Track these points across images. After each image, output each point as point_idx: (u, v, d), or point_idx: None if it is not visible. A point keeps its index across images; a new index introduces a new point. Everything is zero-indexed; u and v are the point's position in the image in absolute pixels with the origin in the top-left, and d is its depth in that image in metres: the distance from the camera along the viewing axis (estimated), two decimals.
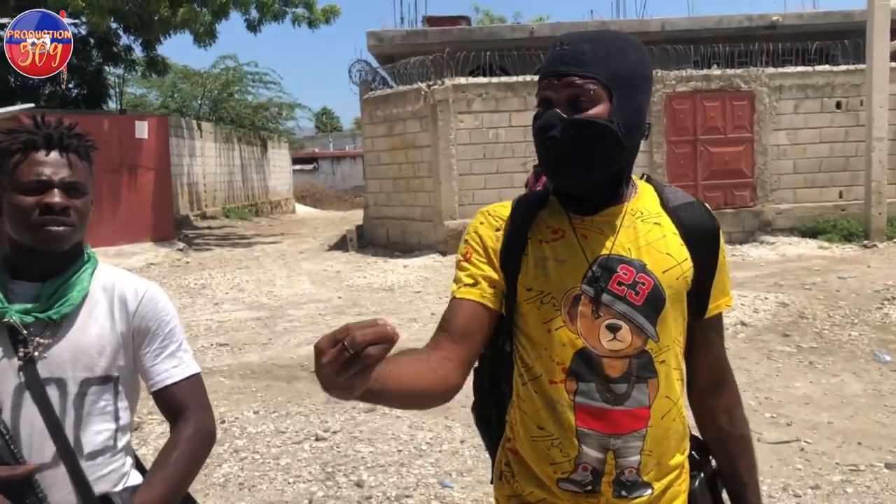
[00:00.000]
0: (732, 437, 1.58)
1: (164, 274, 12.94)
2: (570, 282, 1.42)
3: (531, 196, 1.54)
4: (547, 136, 1.37)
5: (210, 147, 23.17)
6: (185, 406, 1.65)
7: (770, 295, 8.73)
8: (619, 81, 1.37)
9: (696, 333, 1.53)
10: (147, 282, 1.72)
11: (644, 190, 1.52)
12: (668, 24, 16.09)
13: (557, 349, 1.42)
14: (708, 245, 1.49)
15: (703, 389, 1.58)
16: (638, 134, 1.43)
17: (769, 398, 5.35)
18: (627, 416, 1.41)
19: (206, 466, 4.35)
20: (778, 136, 13.79)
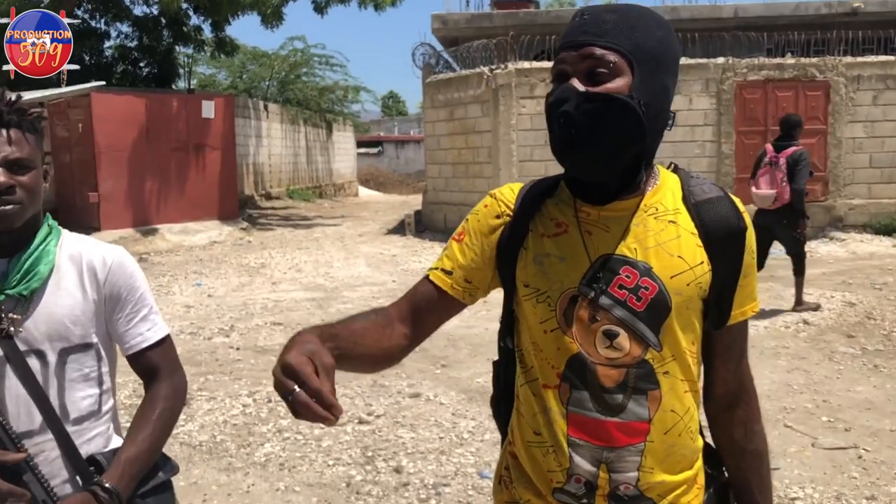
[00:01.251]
0: (747, 451, 1.46)
1: (225, 252, 13.19)
2: (568, 281, 1.31)
3: (539, 183, 1.42)
4: (559, 111, 1.23)
5: (276, 128, 23.47)
6: (160, 367, 1.73)
7: (837, 293, 8.41)
8: (643, 55, 1.24)
9: (717, 341, 1.41)
10: (114, 248, 1.74)
11: (666, 181, 1.37)
12: (742, 10, 15.58)
13: (552, 352, 1.32)
14: (732, 247, 1.34)
15: (721, 400, 1.45)
16: (661, 118, 1.29)
17: (828, 401, 5.13)
18: (623, 428, 1.30)
19: (249, 445, 4.42)
20: (854, 129, 13.24)
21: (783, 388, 5.43)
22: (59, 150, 14.51)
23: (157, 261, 12.29)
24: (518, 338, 1.41)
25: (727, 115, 13.18)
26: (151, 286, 7.71)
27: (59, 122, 14.37)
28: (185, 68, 22.29)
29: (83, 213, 13.93)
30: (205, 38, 19.57)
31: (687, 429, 1.35)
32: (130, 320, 1.71)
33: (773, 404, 5.07)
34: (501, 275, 1.40)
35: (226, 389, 5.46)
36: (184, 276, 10.57)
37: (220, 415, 4.94)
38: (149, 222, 14.46)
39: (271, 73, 27.16)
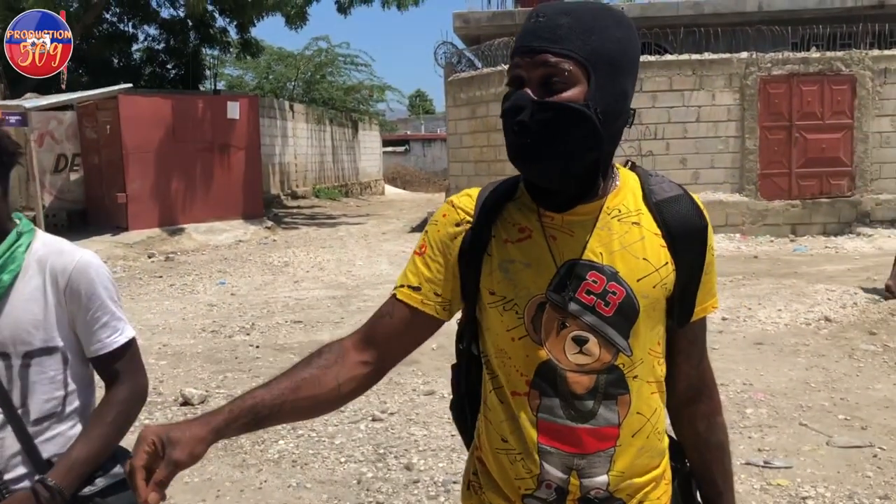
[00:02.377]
0: (710, 443, 1.46)
1: (250, 251, 13.34)
2: (535, 288, 1.29)
3: (498, 187, 1.38)
4: (514, 120, 1.21)
5: (302, 128, 23.65)
6: (120, 371, 1.77)
7: (860, 290, 8.30)
8: (600, 60, 1.20)
9: (679, 338, 1.41)
10: (81, 252, 1.75)
11: (626, 182, 1.35)
12: (766, 4, 15.40)
13: (521, 360, 1.30)
14: (694, 245, 1.33)
15: (683, 395, 1.45)
16: (619, 121, 1.26)
17: (845, 399, 5.08)
18: (593, 435, 1.29)
19: (263, 442, 4.48)
20: (881, 123, 13.06)
21: (801, 385, 5.39)
22: (87, 151, 14.78)
23: (183, 260, 12.46)
24: (483, 344, 1.40)
25: (751, 111, 13.06)
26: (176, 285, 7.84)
27: (87, 124, 14.63)
28: (212, 70, 22.55)
29: (112, 213, 14.17)
30: (230, 40, 19.80)
31: (654, 430, 1.35)
32: (91, 326, 1.73)
33: (790, 402, 5.04)
34: (463, 282, 1.36)
35: (244, 387, 5.54)
36: (208, 275, 10.71)
37: None
38: (175, 222, 14.66)
39: (297, 73, 27.38)
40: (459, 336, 1.48)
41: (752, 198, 13.19)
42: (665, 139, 13.24)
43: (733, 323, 7.16)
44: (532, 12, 1.26)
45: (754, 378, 5.53)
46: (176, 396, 5.30)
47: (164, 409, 5.13)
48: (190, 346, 6.80)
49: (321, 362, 1.34)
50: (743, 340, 6.58)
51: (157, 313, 8.26)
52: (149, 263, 12.07)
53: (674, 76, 13.18)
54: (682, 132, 13.19)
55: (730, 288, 8.76)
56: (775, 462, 4.06)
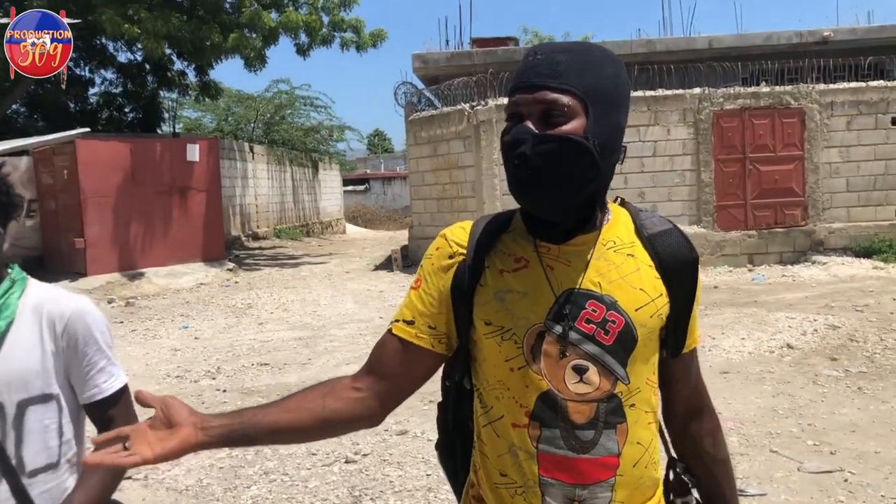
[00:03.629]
0: (717, 460, 1.50)
1: (212, 294, 13.17)
2: (534, 317, 1.30)
3: (493, 219, 1.41)
4: (516, 152, 1.24)
5: (262, 169, 23.58)
6: (114, 417, 1.74)
7: (819, 317, 8.48)
8: (597, 96, 1.25)
9: (674, 367, 1.44)
10: (76, 298, 1.75)
11: (618, 216, 1.39)
12: (716, 41, 15.87)
13: (520, 390, 1.31)
14: (686, 277, 1.37)
15: (684, 415, 1.50)
16: (614, 156, 1.31)
17: (812, 425, 5.17)
18: (595, 465, 1.30)
19: (235, 488, 4.40)
20: (830, 154, 13.46)
21: (769, 412, 5.47)
22: (44, 196, 14.54)
23: (144, 304, 12.26)
24: (476, 377, 1.40)
25: (705, 144, 13.37)
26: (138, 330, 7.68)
27: (44, 169, 14.42)
28: (170, 112, 22.45)
29: (70, 258, 13.91)
30: (189, 83, 19.75)
31: (651, 460, 1.37)
32: (87, 372, 1.72)
33: (759, 429, 5.10)
34: (456, 314, 1.37)
35: None
36: (170, 320, 10.55)
37: (206, 458, 4.92)
38: (135, 266, 14.45)
39: (256, 115, 27.38)
40: (447, 372, 1.47)
41: (709, 229, 13.44)
42: (623, 173, 13.46)
43: (699, 353, 7.23)
44: (529, 51, 1.30)
45: (723, 407, 5.60)
46: None
47: None
48: (155, 393, 6.65)
49: (314, 387, 1.40)
50: (709, 370, 6.66)
51: (119, 359, 8.03)
52: (109, 309, 11.85)
53: (630, 112, 13.42)
54: (639, 166, 13.43)
55: None
56: (749, 490, 4.11)
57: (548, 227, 1.33)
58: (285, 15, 15.88)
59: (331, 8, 16.86)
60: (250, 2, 15.44)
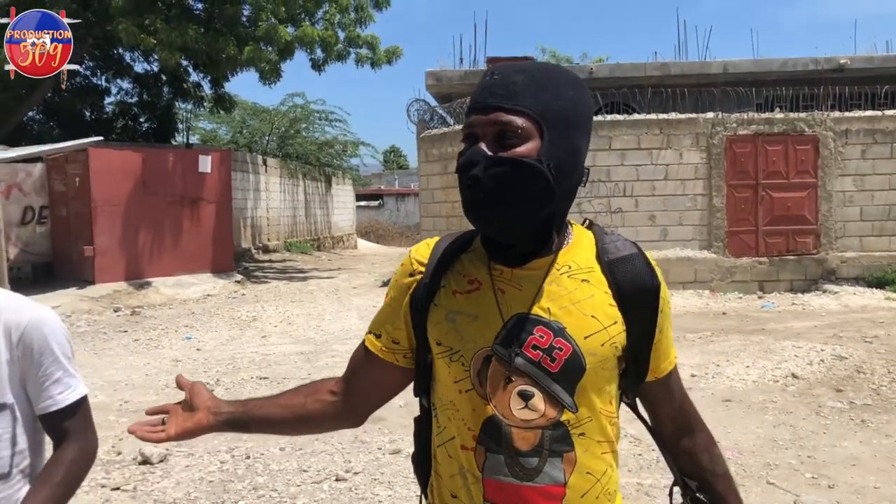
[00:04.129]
0: (717, 475, 1.46)
1: (218, 305, 13.18)
2: (482, 340, 1.29)
3: (456, 238, 1.40)
4: (468, 175, 1.23)
5: (275, 182, 23.67)
6: (69, 429, 1.73)
7: (827, 347, 8.36)
8: (553, 117, 1.23)
9: (655, 390, 1.42)
10: (36, 308, 1.72)
11: (580, 239, 1.36)
12: (731, 66, 15.83)
13: (468, 413, 1.30)
14: (646, 306, 1.33)
15: (675, 433, 1.47)
16: (573, 178, 1.28)
17: (812, 457, 5.07)
18: (539, 493, 1.27)
19: (223, 503, 4.34)
20: (844, 182, 13.35)
21: (768, 443, 5.37)
22: (55, 204, 14.63)
23: (150, 314, 12.27)
24: (433, 395, 1.40)
25: (717, 169, 13.29)
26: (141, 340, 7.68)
27: (56, 176, 14.52)
28: (185, 123, 22.59)
29: (78, 266, 13.97)
30: (204, 95, 19.88)
31: (605, 491, 1.33)
32: (43, 382, 1.69)
33: (757, 460, 5.01)
34: (415, 332, 1.39)
35: (205, 445, 5.40)
36: (174, 330, 10.54)
37: (196, 471, 4.88)
38: (143, 275, 14.49)
39: (271, 128, 27.52)
40: (416, 390, 1.48)
41: (720, 255, 13.34)
42: (634, 196, 13.41)
43: (702, 380, 7.16)
44: (487, 71, 1.29)
45: (722, 435, 5.51)
46: (135, 455, 5.15)
47: (123, 468, 4.98)
48: (152, 403, 6.60)
49: (306, 385, 1.55)
50: (711, 397, 6.57)
51: (119, 369, 8.08)
52: (114, 318, 11.87)
53: (641, 135, 13.42)
54: (650, 189, 13.37)
55: (698, 345, 8.79)
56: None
57: (504, 249, 1.31)
58: (301, 30, 15.98)
59: (347, 24, 16.95)
60: (267, 16, 15.55)
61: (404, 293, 1.40)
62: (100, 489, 4.58)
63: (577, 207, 13.09)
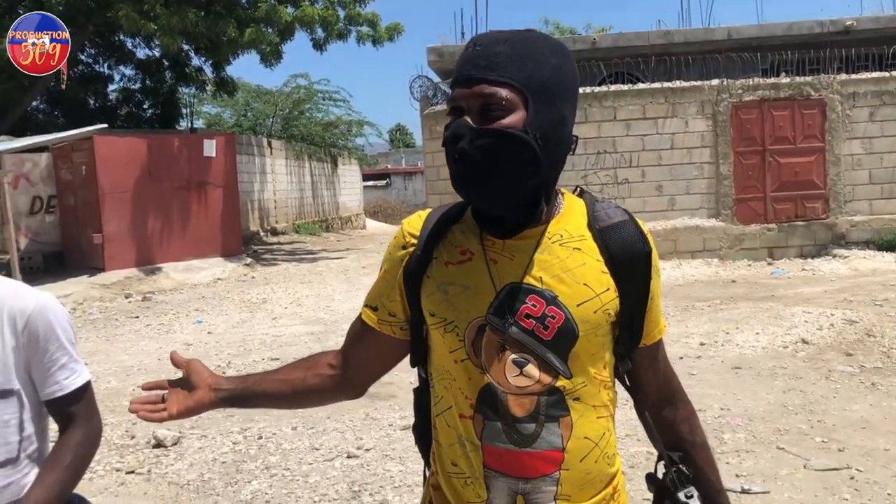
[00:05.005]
0: (696, 445, 1.47)
1: (228, 289, 13.24)
2: (475, 311, 1.30)
3: (449, 209, 1.41)
4: (454, 148, 1.23)
5: (280, 164, 23.65)
6: (75, 413, 1.74)
7: (837, 311, 8.34)
8: (537, 87, 1.22)
9: (639, 357, 1.42)
10: (38, 294, 1.73)
11: (571, 207, 1.37)
12: (735, 31, 15.64)
13: (464, 382, 1.32)
14: (638, 271, 1.34)
15: (658, 403, 1.47)
16: (559, 147, 1.28)
17: (822, 421, 5.07)
18: (537, 458, 1.29)
19: (236, 483, 4.40)
20: (852, 146, 13.24)
21: (779, 409, 5.38)
22: (63, 192, 14.69)
23: (161, 299, 12.34)
24: (430, 366, 1.41)
25: (724, 136, 13.20)
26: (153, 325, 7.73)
27: (63, 165, 14.56)
28: (188, 108, 22.57)
29: (88, 254, 14.06)
30: (206, 79, 19.83)
31: (603, 454, 1.35)
32: (49, 368, 1.71)
33: (768, 426, 5.02)
34: (409, 303, 1.40)
35: (218, 427, 5.45)
36: (185, 314, 10.61)
37: (209, 453, 4.93)
38: (153, 261, 14.55)
39: (275, 109, 27.46)
40: (413, 360, 1.50)
41: (728, 222, 13.28)
42: (640, 167, 13.34)
43: (711, 348, 7.16)
44: (469, 42, 1.28)
45: (732, 403, 5.52)
46: (149, 439, 5.20)
47: (137, 451, 5.03)
48: None
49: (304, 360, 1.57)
50: (721, 365, 6.57)
51: (132, 354, 8.15)
52: (126, 304, 11.95)
53: (647, 104, 13.32)
54: (656, 159, 13.30)
55: (708, 313, 8.78)
56: (753, 488, 4.03)
57: (494, 221, 1.31)
58: (301, 9, 15.89)
59: (347, 2, 16.84)
60: None
61: (398, 266, 1.41)
62: (114, 473, 4.63)
63: (583, 180, 13.05)
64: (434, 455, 1.44)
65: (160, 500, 4.26)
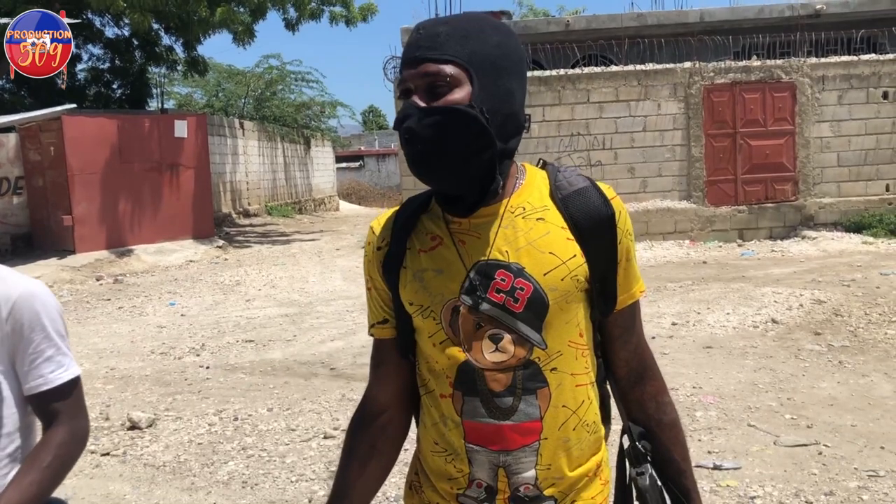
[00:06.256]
0: (663, 423, 1.46)
1: (201, 271, 13.14)
2: (448, 293, 1.32)
3: (412, 201, 1.43)
4: (403, 127, 1.26)
5: (253, 145, 23.44)
6: (60, 411, 1.62)
7: (806, 292, 8.48)
8: (481, 63, 1.25)
9: (612, 326, 1.43)
10: (26, 281, 1.63)
11: (532, 180, 1.38)
12: (708, 14, 15.74)
13: (444, 363, 1.35)
14: (604, 235, 1.35)
15: (626, 379, 1.47)
16: (511, 122, 1.30)
17: (792, 399, 5.18)
18: (516, 430, 1.32)
19: (212, 464, 4.40)
20: (821, 129, 13.42)
21: (749, 387, 5.48)
22: (31, 174, 14.46)
23: (133, 282, 12.23)
24: (418, 353, 1.44)
25: (696, 119, 13.31)
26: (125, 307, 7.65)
27: (30, 146, 14.32)
28: (159, 88, 22.26)
29: (58, 236, 13.86)
30: (177, 58, 19.55)
31: (582, 422, 1.37)
32: (33, 360, 1.60)
33: (739, 404, 5.11)
34: (392, 298, 1.42)
35: (193, 409, 5.45)
36: (158, 297, 10.52)
37: (185, 434, 4.92)
38: (124, 243, 14.40)
39: (247, 90, 27.18)
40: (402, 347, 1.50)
41: (699, 204, 13.42)
42: (613, 149, 13.42)
43: (683, 328, 7.26)
44: (414, 28, 1.30)
45: (704, 381, 5.61)
46: (123, 421, 5.18)
47: (111, 433, 5.01)
48: (138, 370, 6.66)
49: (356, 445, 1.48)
50: (692, 344, 6.67)
51: (104, 337, 8.08)
52: (97, 287, 11.82)
53: (619, 87, 13.38)
54: (629, 142, 13.38)
55: (679, 293, 8.89)
56: (724, 464, 4.11)
57: (453, 200, 1.34)
58: None
59: None
60: None
61: (378, 269, 1.43)
62: (89, 455, 4.60)
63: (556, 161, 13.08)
64: (418, 434, 1.47)
65: (136, 481, 4.25)
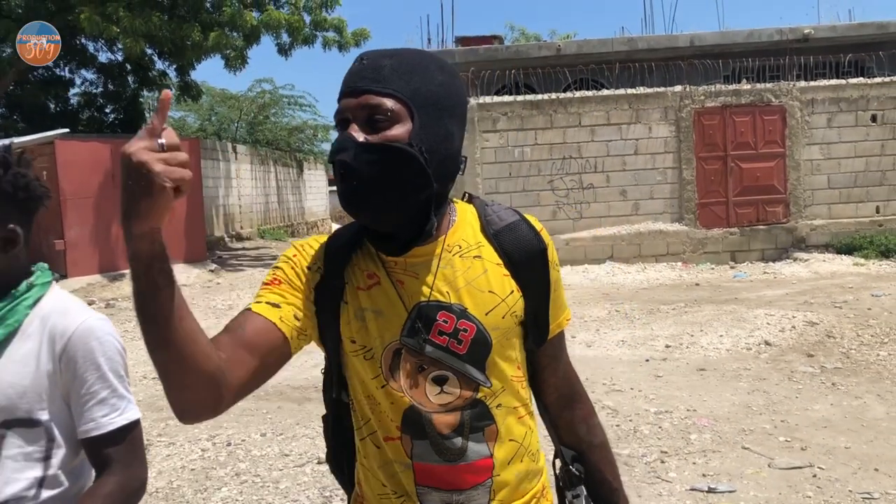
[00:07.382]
0: (593, 445, 1.48)
1: (194, 295, 13.09)
2: (389, 335, 1.28)
3: (342, 233, 1.36)
4: (337, 160, 1.20)
5: (245, 169, 23.46)
6: (112, 458, 1.48)
7: (798, 314, 8.51)
8: (423, 100, 1.22)
9: (541, 355, 1.43)
10: (88, 314, 1.52)
11: (463, 216, 1.36)
12: (698, 38, 15.91)
13: (387, 406, 1.31)
14: (536, 268, 1.35)
15: (556, 405, 1.48)
16: (449, 163, 1.27)
17: (785, 421, 5.18)
18: (469, 471, 1.30)
19: (206, 490, 4.37)
20: (811, 151, 13.53)
21: (743, 409, 5.48)
22: None
23: (125, 306, 12.17)
24: (352, 391, 1.37)
25: (687, 142, 13.40)
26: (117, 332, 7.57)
27: None
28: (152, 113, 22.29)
29: (50, 260, 13.53)
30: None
31: (528, 452, 1.37)
32: (86, 402, 1.48)
33: (733, 426, 5.11)
34: (322, 328, 1.32)
35: (186, 434, 5.41)
36: None
37: (178, 460, 4.89)
38: (117, 268, 14.34)
39: (240, 114, 27.27)
40: (327, 385, 1.45)
41: (691, 227, 13.48)
42: (605, 172, 13.50)
43: (676, 350, 7.27)
44: (357, 57, 1.28)
45: (698, 404, 5.61)
46: None
47: None
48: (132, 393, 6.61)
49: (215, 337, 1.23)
50: (686, 367, 6.67)
51: None
52: None
53: (611, 110, 13.48)
54: (620, 165, 13.46)
55: (672, 316, 8.91)
56: (719, 487, 4.11)
57: (384, 238, 1.29)
58: (267, 14, 15.78)
59: (313, 7, 16.78)
60: (231, 0, 15.36)
61: (306, 283, 1.31)
62: None
63: (548, 185, 13.17)
64: (359, 479, 1.41)
65: None
